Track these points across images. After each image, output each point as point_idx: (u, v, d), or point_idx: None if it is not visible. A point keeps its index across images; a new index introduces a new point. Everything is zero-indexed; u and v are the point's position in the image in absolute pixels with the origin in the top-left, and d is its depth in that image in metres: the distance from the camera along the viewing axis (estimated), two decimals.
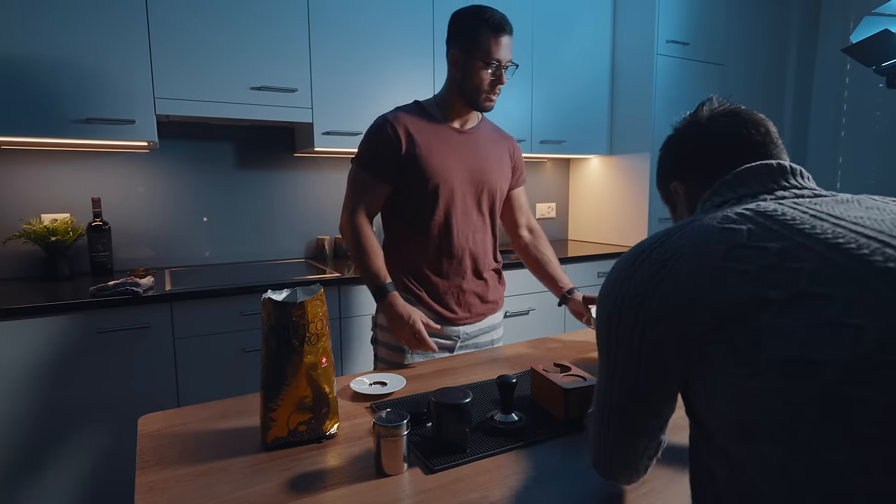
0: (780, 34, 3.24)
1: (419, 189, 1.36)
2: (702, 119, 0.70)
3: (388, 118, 1.37)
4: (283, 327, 0.84)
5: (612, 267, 0.60)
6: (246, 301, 1.87)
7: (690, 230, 0.53)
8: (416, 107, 1.43)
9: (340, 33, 2.18)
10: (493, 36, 1.30)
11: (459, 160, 1.39)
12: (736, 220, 0.51)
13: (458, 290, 1.43)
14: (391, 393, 1.07)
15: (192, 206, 2.30)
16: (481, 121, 1.49)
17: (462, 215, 1.41)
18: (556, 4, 2.71)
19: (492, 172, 1.44)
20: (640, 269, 0.54)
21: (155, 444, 0.87)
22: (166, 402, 1.77)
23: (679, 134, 0.72)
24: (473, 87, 1.34)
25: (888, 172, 3.03)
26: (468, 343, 1.48)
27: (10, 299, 1.63)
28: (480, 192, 1.43)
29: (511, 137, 1.56)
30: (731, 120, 0.68)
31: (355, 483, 0.76)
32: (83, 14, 1.76)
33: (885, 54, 1.69)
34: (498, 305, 1.53)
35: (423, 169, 1.35)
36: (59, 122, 1.76)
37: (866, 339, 0.37)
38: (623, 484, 0.71)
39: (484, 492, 0.74)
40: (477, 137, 1.44)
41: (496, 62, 1.32)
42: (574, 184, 3.30)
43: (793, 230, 0.47)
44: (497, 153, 1.48)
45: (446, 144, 1.39)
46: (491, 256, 1.50)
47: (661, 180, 0.77)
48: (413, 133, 1.36)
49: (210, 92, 1.97)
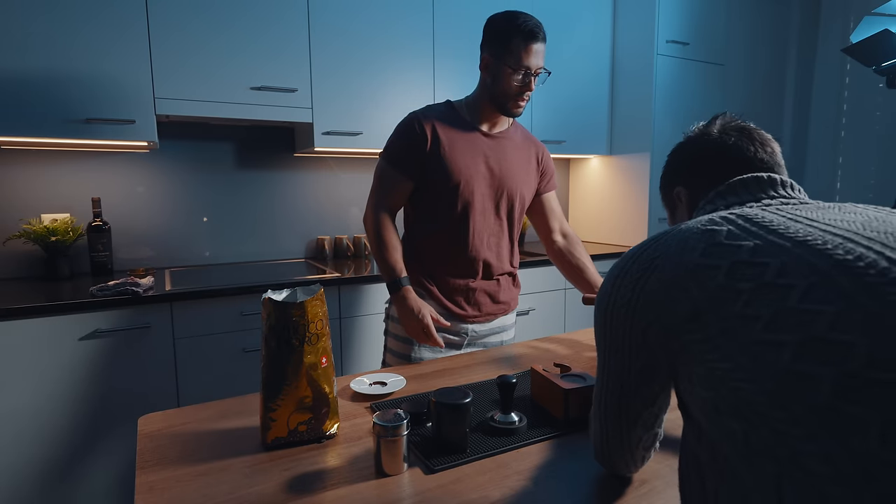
0: (780, 34, 3.24)
1: (440, 187, 1.38)
2: (713, 132, 0.74)
3: (418, 115, 1.39)
4: (283, 327, 0.84)
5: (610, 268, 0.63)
6: (246, 301, 1.87)
7: (676, 232, 0.57)
8: (447, 107, 1.44)
9: (340, 33, 2.18)
10: (525, 43, 1.31)
11: (483, 163, 1.40)
12: (718, 221, 0.55)
13: (469, 288, 1.44)
14: (391, 393, 1.07)
15: (192, 206, 2.30)
16: (511, 125, 1.49)
17: (480, 217, 1.41)
18: (556, 4, 2.71)
19: (515, 178, 1.44)
20: (631, 270, 0.58)
21: (155, 444, 0.87)
22: (166, 402, 1.77)
23: (690, 142, 0.76)
24: (502, 92, 1.35)
25: (888, 172, 3.03)
26: (477, 342, 1.49)
27: (10, 299, 1.63)
28: (500, 196, 1.44)
29: (540, 143, 1.56)
30: (740, 136, 0.71)
31: (355, 483, 0.76)
32: (83, 14, 1.76)
33: (885, 54, 1.69)
34: (510, 307, 1.54)
35: (446, 167, 1.36)
36: (59, 122, 1.76)
37: (821, 321, 0.41)
38: (624, 473, 0.74)
39: (484, 492, 0.74)
40: (505, 142, 1.45)
41: (525, 69, 1.32)
42: (574, 184, 3.30)
43: (768, 230, 0.51)
44: (523, 159, 1.48)
45: (471, 146, 1.40)
46: (507, 261, 1.49)
47: (665, 184, 0.81)
48: (440, 132, 1.37)
49: (210, 92, 1.97)
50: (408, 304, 1.32)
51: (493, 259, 1.45)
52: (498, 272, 1.47)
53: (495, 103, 1.38)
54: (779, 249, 0.48)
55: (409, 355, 1.43)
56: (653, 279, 0.55)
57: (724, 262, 0.49)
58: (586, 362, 1.26)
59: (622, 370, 0.61)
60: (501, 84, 1.34)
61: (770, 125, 3.26)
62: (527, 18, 1.33)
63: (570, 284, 2.58)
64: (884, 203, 2.91)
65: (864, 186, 3.14)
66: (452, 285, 1.43)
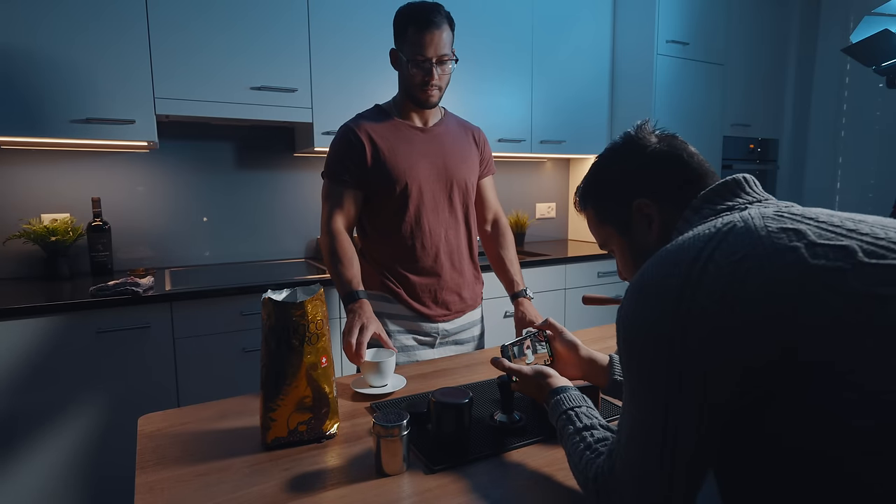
0: (780, 34, 3.24)
1: (388, 192, 1.36)
2: (651, 140, 0.73)
3: (351, 126, 1.38)
4: (282, 327, 0.84)
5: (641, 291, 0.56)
6: (246, 301, 1.87)
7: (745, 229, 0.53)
8: (377, 110, 1.43)
9: (340, 33, 2.18)
10: (419, 32, 1.27)
11: (425, 158, 1.39)
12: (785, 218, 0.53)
13: (434, 287, 1.42)
14: (391, 393, 1.07)
15: (192, 206, 2.30)
16: (444, 115, 1.48)
17: (433, 213, 1.40)
18: (555, 4, 2.71)
19: (459, 167, 1.43)
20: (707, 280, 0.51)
21: (155, 444, 0.87)
22: (166, 402, 1.76)
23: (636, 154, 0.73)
24: (408, 84, 1.35)
25: (888, 172, 3.03)
26: (448, 340, 1.48)
27: (10, 299, 1.63)
28: (450, 188, 1.43)
29: (476, 127, 1.54)
30: (673, 140, 0.73)
31: (355, 483, 0.76)
32: (83, 14, 1.76)
33: (885, 54, 1.69)
34: (476, 302, 1.53)
35: (390, 172, 1.35)
36: (60, 122, 1.76)
37: None
38: None
39: (484, 492, 0.74)
40: (441, 133, 1.44)
41: (422, 58, 1.29)
42: (574, 184, 3.30)
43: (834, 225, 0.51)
44: (464, 146, 1.47)
45: (410, 144, 1.39)
46: (466, 253, 1.48)
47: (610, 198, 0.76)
48: (375, 138, 1.36)
49: (210, 92, 1.97)
50: (356, 315, 1.18)
51: (453, 252, 1.44)
52: (460, 266, 1.46)
53: (408, 95, 1.37)
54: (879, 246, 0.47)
55: None
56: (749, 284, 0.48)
57: (846, 264, 0.46)
58: None
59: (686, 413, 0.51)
60: (406, 76, 1.34)
61: (770, 125, 3.26)
62: (420, 6, 1.28)
63: (571, 285, 2.60)
64: (884, 203, 2.91)
65: (864, 186, 3.14)
66: (418, 287, 1.41)
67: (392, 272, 1.41)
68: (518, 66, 2.64)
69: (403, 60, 1.32)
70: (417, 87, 1.33)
